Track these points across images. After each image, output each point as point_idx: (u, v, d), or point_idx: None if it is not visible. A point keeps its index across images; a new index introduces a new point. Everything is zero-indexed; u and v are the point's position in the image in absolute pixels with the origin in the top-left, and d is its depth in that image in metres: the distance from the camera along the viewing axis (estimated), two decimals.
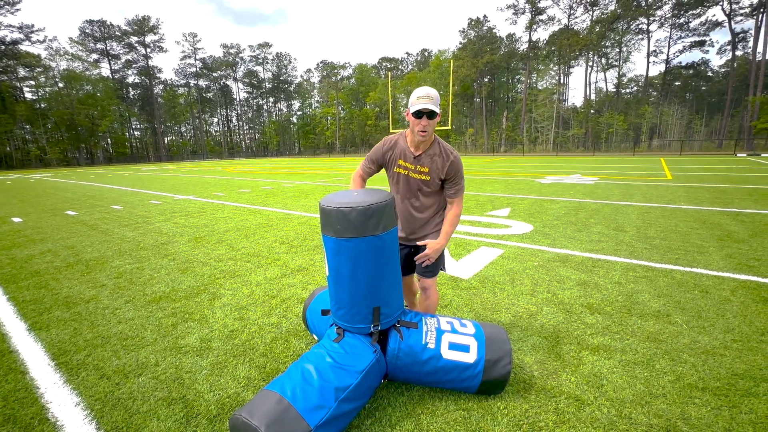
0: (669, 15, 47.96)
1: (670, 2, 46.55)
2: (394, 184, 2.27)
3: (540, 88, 57.83)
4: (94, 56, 58.95)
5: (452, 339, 2.02)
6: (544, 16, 53.25)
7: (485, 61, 56.74)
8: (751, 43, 44.02)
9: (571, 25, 53.48)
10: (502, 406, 1.95)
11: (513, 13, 57.04)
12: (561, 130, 53.27)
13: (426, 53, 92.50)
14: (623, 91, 57.63)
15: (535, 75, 61.43)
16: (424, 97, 1.97)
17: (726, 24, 45.40)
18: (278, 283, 3.60)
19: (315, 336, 2.45)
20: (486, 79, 63.86)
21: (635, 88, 61.18)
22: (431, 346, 1.99)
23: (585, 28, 51.28)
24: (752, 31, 43.68)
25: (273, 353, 2.42)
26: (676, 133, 50.18)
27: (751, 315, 2.72)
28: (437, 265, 2.29)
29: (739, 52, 47.51)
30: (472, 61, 58.18)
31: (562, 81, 56.06)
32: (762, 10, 40.26)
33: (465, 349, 1.99)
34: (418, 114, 1.99)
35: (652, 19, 48.41)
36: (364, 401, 1.86)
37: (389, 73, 49.19)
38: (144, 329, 2.78)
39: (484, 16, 60.22)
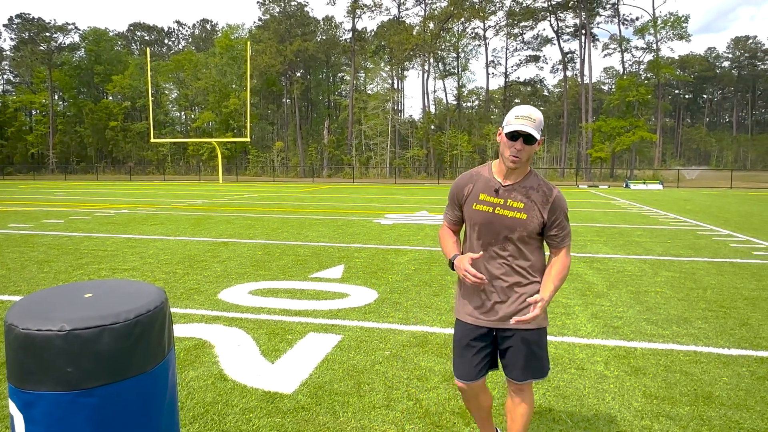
0: (503, 23, 62.01)
1: (503, 9, 60.40)
2: (471, 231, 2.36)
3: (370, 92, 64.78)
4: None
5: None
6: (368, 1, 60.84)
7: (296, 48, 60.33)
8: (578, 65, 60.83)
9: (402, 17, 62.79)
10: None
11: None
12: (399, 150, 60.45)
13: (209, 26, 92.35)
14: (465, 104, 70.24)
15: (363, 74, 68.77)
16: (524, 117, 2.13)
17: (555, 42, 61.67)
18: None
19: None
20: (298, 74, 67.71)
21: (477, 102, 75.57)
22: None
23: (418, 23, 60.99)
24: (578, 52, 60.57)
25: None
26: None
27: (628, 394, 3.46)
28: (539, 364, 2.35)
29: (569, 73, 64.88)
30: (277, 47, 60.93)
31: (396, 85, 64.39)
32: (584, 31, 56.50)
33: None
34: (514, 135, 2.15)
35: (487, 24, 61.56)
36: None
37: (148, 49, 46.60)
38: None
39: None
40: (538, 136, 2.13)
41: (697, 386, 3.57)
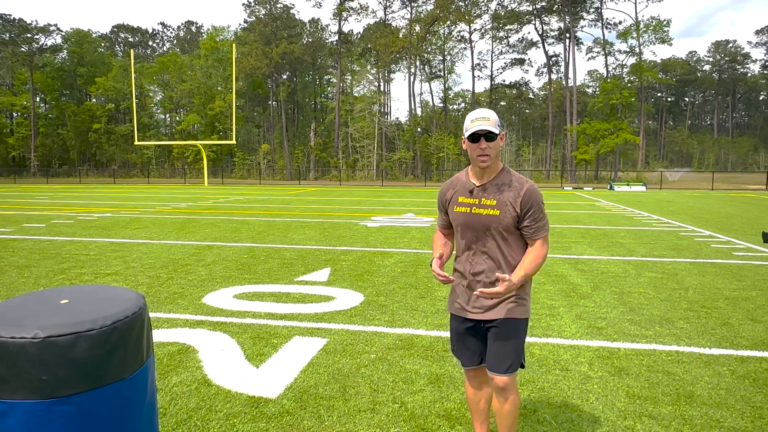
0: (489, 26, 62.41)
1: (488, 12, 60.81)
2: (456, 232, 2.55)
3: (356, 94, 64.73)
4: None
5: None
6: (355, 3, 60.95)
7: (282, 50, 60.12)
8: (563, 68, 61.43)
9: (388, 20, 62.94)
10: None
11: None
12: (385, 153, 60.48)
13: (194, 28, 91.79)
14: (451, 107, 70.44)
15: (350, 77, 68.73)
16: (479, 118, 2.30)
17: (540, 45, 62.22)
18: None
19: None
20: (284, 77, 67.48)
21: (463, 104, 75.92)
22: None
23: (404, 26, 61.16)
24: (563, 56, 61.20)
25: None
26: (506, 160, 64.15)
27: (611, 394, 3.49)
28: (513, 354, 2.41)
29: (554, 76, 65.48)
30: (263, 49, 60.68)
31: (382, 88, 64.45)
32: (568, 35, 57.09)
33: None
34: (475, 137, 2.30)
35: (473, 27, 61.92)
36: None
37: (132, 50, 46.15)
38: None
39: None
40: (497, 131, 2.29)
41: (679, 386, 3.61)
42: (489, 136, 2.30)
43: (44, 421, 1.41)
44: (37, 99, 69.93)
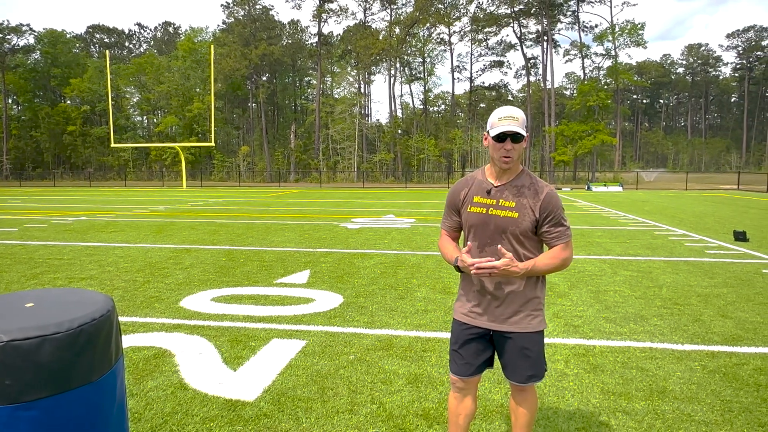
0: (468, 29, 62.93)
1: (467, 15, 61.35)
2: (467, 234, 2.41)
3: (337, 96, 64.66)
4: None
5: None
6: (334, 5, 60.84)
7: (261, 52, 59.75)
8: (541, 70, 62.23)
9: (368, 22, 63.01)
10: None
11: None
12: (366, 155, 60.48)
13: (171, 29, 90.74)
14: (431, 108, 70.74)
15: (330, 79, 68.63)
16: (507, 117, 2.19)
17: (519, 47, 62.95)
18: None
19: None
20: (264, 78, 67.07)
21: (443, 106, 76.35)
22: None
23: (384, 28, 61.30)
24: (541, 58, 61.98)
25: None
26: (484, 161, 64.74)
27: (586, 391, 3.54)
28: (534, 366, 2.38)
29: (533, 78, 66.31)
30: (242, 50, 60.24)
31: (363, 90, 64.47)
32: (546, 38, 57.84)
33: None
34: (501, 137, 2.20)
35: (452, 30, 62.36)
36: None
37: (108, 51, 45.39)
38: None
39: None
40: (524, 133, 2.20)
41: (652, 381, 3.68)
42: (515, 137, 2.20)
43: (8, 427, 1.38)
44: (9, 100, 68.37)
